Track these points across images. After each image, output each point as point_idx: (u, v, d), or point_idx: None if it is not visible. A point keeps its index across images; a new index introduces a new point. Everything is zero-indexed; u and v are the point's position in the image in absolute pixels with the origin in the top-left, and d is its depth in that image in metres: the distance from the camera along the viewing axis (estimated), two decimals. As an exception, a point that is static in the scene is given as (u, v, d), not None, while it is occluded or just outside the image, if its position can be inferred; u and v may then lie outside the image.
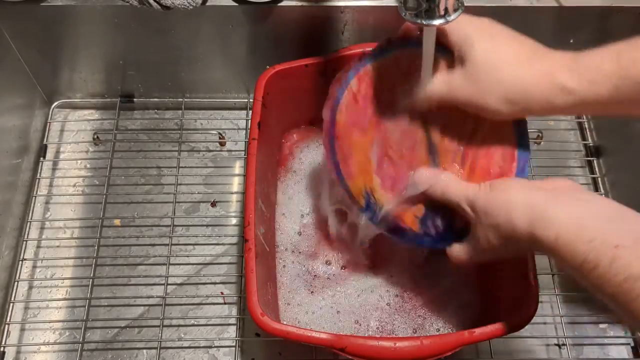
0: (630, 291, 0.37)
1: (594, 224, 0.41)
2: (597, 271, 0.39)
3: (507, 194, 0.46)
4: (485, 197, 0.48)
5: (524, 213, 0.44)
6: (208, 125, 0.82)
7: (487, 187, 0.48)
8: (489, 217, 0.47)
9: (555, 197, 0.44)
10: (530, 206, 0.44)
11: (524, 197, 0.45)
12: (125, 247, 0.73)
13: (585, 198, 0.44)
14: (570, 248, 0.40)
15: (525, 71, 0.46)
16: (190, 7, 0.65)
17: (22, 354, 0.67)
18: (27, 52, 0.74)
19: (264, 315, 0.53)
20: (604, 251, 0.38)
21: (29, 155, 0.77)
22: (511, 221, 0.45)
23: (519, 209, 0.44)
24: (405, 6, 0.46)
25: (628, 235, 0.39)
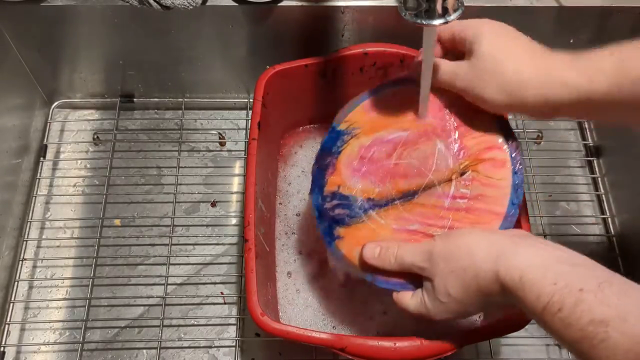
0: (594, 336, 0.36)
1: (557, 267, 0.40)
2: (561, 314, 0.38)
3: (468, 238, 0.46)
4: (443, 244, 0.46)
5: (488, 254, 0.43)
6: (208, 125, 0.82)
7: (444, 236, 0.48)
8: (449, 262, 0.45)
9: (518, 240, 0.44)
10: (494, 247, 0.43)
11: (487, 240, 0.44)
12: (125, 247, 0.73)
13: (546, 244, 0.43)
14: (534, 289, 0.40)
15: (526, 65, 0.48)
16: (190, 7, 0.65)
17: (22, 354, 0.67)
18: (27, 52, 0.74)
19: (264, 315, 0.53)
20: (568, 294, 0.38)
21: (29, 155, 0.77)
22: (473, 263, 0.44)
23: (483, 250, 0.44)
24: (405, 6, 0.46)
25: (592, 280, 0.38)
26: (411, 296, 0.49)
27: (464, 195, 0.52)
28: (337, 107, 0.73)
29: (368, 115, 0.59)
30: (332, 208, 0.56)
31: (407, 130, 0.57)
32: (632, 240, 0.73)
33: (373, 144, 0.58)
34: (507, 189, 0.51)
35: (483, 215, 0.51)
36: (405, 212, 0.53)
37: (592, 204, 0.78)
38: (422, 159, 0.55)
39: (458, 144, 0.54)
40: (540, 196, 0.77)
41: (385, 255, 0.50)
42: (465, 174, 0.53)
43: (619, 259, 0.73)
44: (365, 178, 0.56)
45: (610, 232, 0.75)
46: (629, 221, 0.74)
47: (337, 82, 0.69)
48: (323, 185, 0.57)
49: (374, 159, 0.57)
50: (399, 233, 0.53)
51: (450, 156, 0.54)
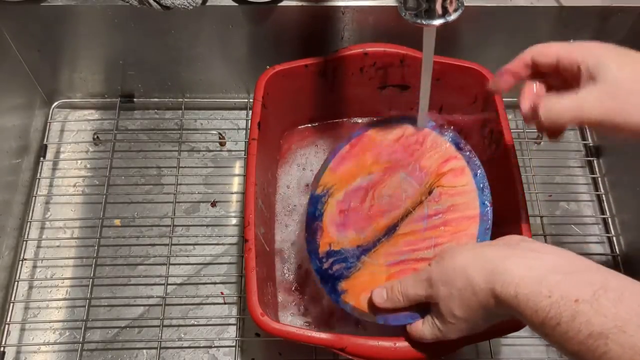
0: (595, 349, 0.36)
1: (551, 277, 0.39)
2: (560, 328, 0.37)
3: (460, 258, 0.45)
4: (439, 269, 0.46)
5: (481, 271, 0.43)
6: (208, 125, 0.82)
7: (439, 260, 0.47)
8: (447, 286, 0.45)
9: (508, 250, 0.43)
10: (487, 264, 0.43)
11: (479, 257, 0.44)
12: (125, 247, 0.73)
13: (539, 249, 0.42)
14: (530, 304, 0.39)
15: None
16: (190, 7, 0.65)
17: (22, 354, 0.67)
18: (27, 52, 0.74)
19: (264, 315, 0.53)
20: (564, 306, 0.37)
21: (29, 155, 0.77)
22: (470, 282, 0.43)
23: (475, 268, 0.43)
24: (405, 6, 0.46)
25: (587, 288, 0.37)
26: (422, 324, 0.49)
27: (437, 211, 0.55)
28: (337, 107, 0.74)
29: (336, 174, 0.63)
30: (329, 267, 0.58)
31: (372, 173, 0.61)
32: (632, 240, 0.73)
33: (347, 197, 0.61)
34: (474, 192, 0.54)
35: (460, 222, 0.53)
36: (391, 247, 0.56)
37: (592, 204, 0.78)
38: (392, 193, 0.58)
39: (418, 167, 0.58)
40: (540, 196, 0.77)
41: (392, 295, 0.50)
42: (432, 192, 0.56)
43: (619, 259, 0.73)
44: (349, 229, 0.59)
45: (610, 232, 0.75)
46: (629, 221, 0.74)
47: (337, 82, 0.69)
48: (317, 249, 0.60)
49: (351, 209, 0.60)
50: (393, 267, 0.55)
51: (415, 180, 0.57)
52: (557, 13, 0.70)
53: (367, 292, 0.54)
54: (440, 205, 0.54)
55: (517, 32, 0.72)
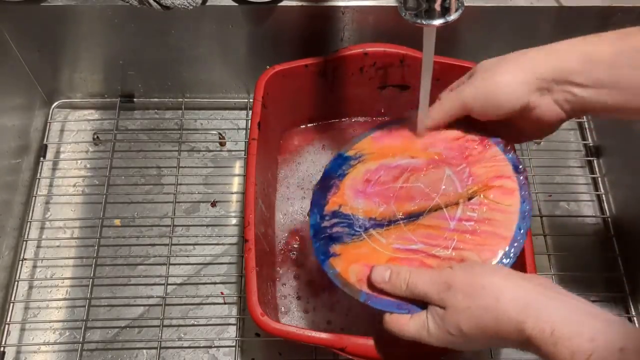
0: None
1: (593, 323, 0.38)
2: None
3: (494, 277, 0.43)
4: (465, 277, 0.44)
5: (514, 300, 0.41)
6: (208, 125, 0.82)
7: (466, 267, 0.45)
8: (468, 298, 0.43)
9: (545, 290, 0.42)
10: (522, 294, 0.41)
11: (514, 285, 0.42)
12: (125, 247, 0.73)
13: (573, 297, 0.42)
14: (569, 344, 0.38)
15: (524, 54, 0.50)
16: (190, 7, 0.65)
17: (22, 354, 0.67)
18: (27, 52, 0.74)
19: (264, 315, 0.53)
20: (609, 352, 0.36)
21: (29, 155, 0.77)
22: (497, 307, 0.41)
23: (509, 295, 0.41)
24: (405, 6, 0.46)
25: (630, 339, 0.37)
26: (410, 318, 0.47)
27: (470, 218, 0.52)
28: (337, 107, 0.74)
29: (377, 144, 0.60)
30: (330, 226, 0.56)
31: (416, 157, 0.57)
32: (632, 240, 0.73)
33: (380, 168, 0.58)
34: (515, 214, 0.51)
35: (489, 238, 0.50)
36: (408, 232, 0.53)
37: (592, 204, 0.78)
38: (429, 183, 0.55)
39: (467, 172, 0.55)
40: (540, 196, 0.77)
41: (396, 280, 0.47)
42: (473, 199, 0.53)
43: (619, 259, 0.73)
44: (369, 199, 0.56)
45: (610, 232, 0.75)
46: (629, 221, 0.74)
47: (337, 82, 0.69)
48: (324, 205, 0.58)
49: (380, 181, 0.57)
50: (400, 252, 0.52)
51: (459, 182, 0.54)
52: (557, 13, 0.70)
53: (359, 265, 0.52)
54: (475, 214, 0.52)
55: (517, 32, 0.72)
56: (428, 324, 0.45)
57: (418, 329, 0.46)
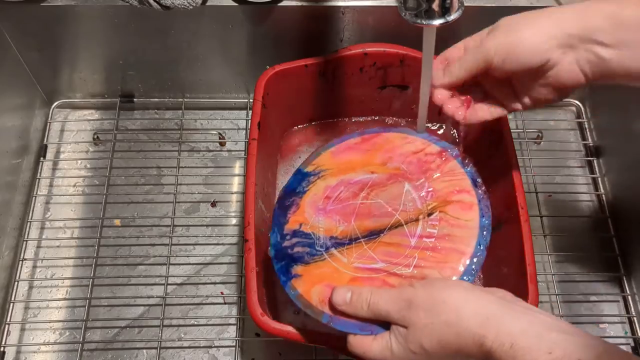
0: None
1: (552, 335, 0.38)
2: None
3: (455, 292, 0.43)
4: (426, 294, 0.43)
5: (475, 314, 0.41)
6: (208, 125, 0.82)
7: (427, 284, 0.44)
8: (430, 315, 0.42)
9: (506, 303, 0.42)
10: (483, 308, 0.41)
11: (475, 298, 0.42)
12: (125, 247, 0.73)
13: (536, 310, 0.42)
14: (527, 357, 0.38)
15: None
16: (190, 7, 0.65)
17: (22, 354, 0.67)
18: (27, 52, 0.74)
19: (264, 315, 0.53)
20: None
21: (29, 155, 0.77)
22: (460, 321, 0.41)
23: (470, 309, 0.41)
24: (405, 6, 0.46)
25: (589, 350, 0.37)
26: (373, 339, 0.46)
27: (430, 234, 0.52)
28: (336, 107, 0.74)
29: (336, 159, 0.60)
30: (291, 246, 0.56)
31: (375, 173, 0.58)
32: (631, 240, 0.73)
33: (340, 185, 0.58)
34: (475, 230, 0.51)
35: (449, 254, 0.50)
36: (369, 250, 0.53)
37: (592, 204, 0.78)
38: (389, 199, 0.56)
39: (426, 186, 0.55)
40: (540, 196, 0.77)
41: (357, 301, 0.46)
42: (432, 215, 0.53)
43: (619, 259, 0.73)
44: (329, 217, 0.56)
45: (610, 232, 0.75)
46: (629, 221, 0.74)
47: (337, 82, 0.69)
48: (284, 223, 0.57)
49: (340, 198, 0.57)
50: (361, 271, 0.52)
51: (418, 197, 0.55)
52: (557, 13, 0.70)
53: (322, 286, 0.51)
54: (435, 230, 0.52)
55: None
56: (391, 345, 0.44)
57: (382, 350, 0.45)
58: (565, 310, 0.70)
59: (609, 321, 0.71)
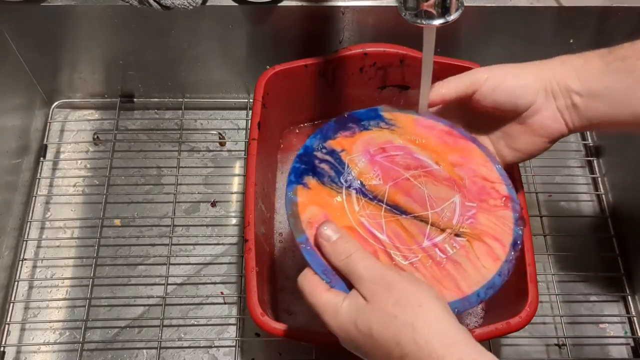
0: None
1: None
2: None
3: (435, 303, 0.41)
4: (408, 287, 0.41)
5: (444, 333, 0.39)
6: (208, 125, 0.82)
7: (414, 280, 0.42)
8: (400, 308, 0.40)
9: (477, 345, 0.40)
10: (454, 334, 0.40)
11: (451, 321, 0.40)
12: (125, 247, 0.73)
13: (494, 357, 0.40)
14: None
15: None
16: (190, 7, 0.65)
17: (22, 354, 0.67)
18: (27, 52, 0.74)
19: (264, 315, 0.53)
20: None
21: (29, 155, 0.77)
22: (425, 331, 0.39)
23: (441, 327, 0.40)
24: (405, 6, 0.46)
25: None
26: (328, 289, 0.43)
27: (445, 250, 0.49)
28: (336, 107, 0.74)
29: (415, 127, 0.57)
30: (321, 159, 0.52)
31: (439, 165, 0.55)
32: (631, 240, 0.73)
33: (402, 149, 0.55)
34: (484, 279, 0.48)
35: (447, 280, 0.48)
36: (383, 219, 0.51)
37: (592, 204, 0.78)
38: (434, 195, 0.53)
39: (472, 212, 0.52)
40: (540, 196, 0.77)
41: (339, 247, 0.44)
42: (459, 237, 0.50)
43: (619, 259, 0.73)
44: (371, 165, 0.53)
45: (610, 232, 0.75)
46: (629, 221, 0.74)
47: (336, 82, 0.69)
48: (329, 138, 0.54)
49: (393, 159, 0.54)
50: (363, 228, 0.49)
51: (459, 214, 0.52)
52: (557, 13, 0.70)
53: (319, 210, 0.48)
54: (452, 251, 0.49)
55: (517, 32, 0.72)
56: (342, 305, 0.42)
57: (328, 303, 0.42)
58: (565, 310, 0.70)
59: (609, 321, 0.71)
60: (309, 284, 0.43)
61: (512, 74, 0.51)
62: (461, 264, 0.49)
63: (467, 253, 0.49)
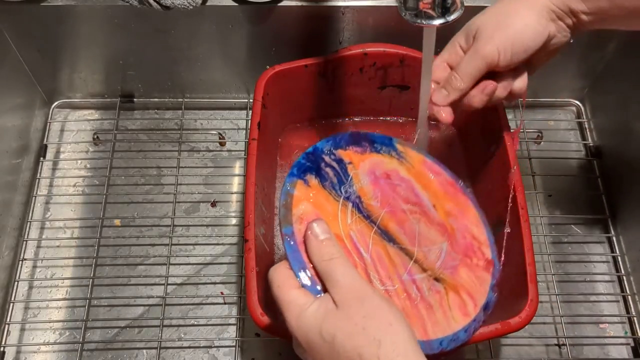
0: None
1: None
2: None
3: (404, 328, 0.40)
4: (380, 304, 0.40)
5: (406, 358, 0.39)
6: (208, 125, 0.82)
7: (388, 302, 0.41)
8: (369, 322, 0.39)
9: None
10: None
11: (416, 347, 0.39)
12: (125, 247, 0.73)
13: None
14: None
15: None
16: (190, 7, 0.65)
17: (22, 354, 0.67)
18: (27, 52, 0.74)
19: (264, 315, 0.53)
20: None
21: (29, 155, 0.77)
22: (390, 351, 0.38)
23: (409, 351, 0.39)
24: (405, 6, 0.46)
25: None
26: (299, 287, 0.42)
27: (422, 290, 0.50)
28: (336, 107, 0.74)
29: (422, 167, 0.57)
30: (327, 164, 0.52)
31: (436, 209, 0.55)
32: (632, 240, 0.73)
33: (405, 182, 0.56)
34: (450, 330, 0.49)
35: (416, 319, 0.48)
36: (372, 240, 0.51)
37: (592, 204, 0.78)
38: (424, 235, 0.53)
39: (455, 265, 0.53)
40: (540, 196, 0.77)
41: (325, 248, 0.43)
42: (437, 282, 0.51)
43: (619, 259, 0.73)
44: (373, 185, 0.54)
45: (610, 232, 0.75)
46: (629, 221, 0.74)
47: (336, 82, 0.69)
48: (340, 148, 0.54)
49: (394, 187, 0.55)
50: (350, 242, 0.49)
51: (442, 262, 0.53)
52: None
53: (313, 210, 0.48)
54: (427, 293, 0.50)
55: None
56: (309, 307, 0.40)
57: (294, 301, 0.41)
58: (565, 310, 0.70)
59: (609, 321, 0.71)
60: (280, 276, 0.42)
61: (517, 26, 0.50)
62: (433, 308, 0.49)
63: (441, 299, 0.50)
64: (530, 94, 0.82)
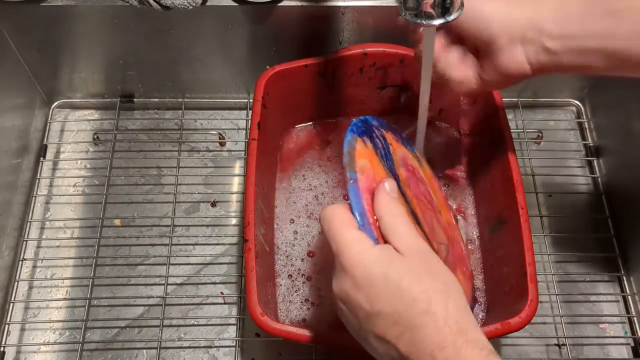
0: None
1: None
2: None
3: (460, 290, 0.42)
4: (442, 266, 0.42)
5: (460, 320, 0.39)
6: (208, 125, 0.82)
7: (445, 267, 0.42)
8: (431, 277, 0.40)
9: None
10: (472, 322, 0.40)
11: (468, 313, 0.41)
12: (125, 247, 0.73)
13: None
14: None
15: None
16: (190, 7, 0.65)
17: (22, 354, 0.67)
18: (27, 52, 0.74)
19: (264, 315, 0.53)
20: None
21: (29, 155, 0.77)
22: (443, 312, 0.39)
23: (462, 314, 0.40)
24: (405, 6, 0.46)
25: None
26: (360, 232, 0.42)
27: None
28: (336, 107, 0.74)
29: (433, 181, 0.63)
30: (377, 135, 0.53)
31: (440, 212, 0.60)
32: (632, 239, 0.73)
33: (422, 182, 0.59)
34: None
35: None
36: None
37: (592, 203, 0.78)
38: (437, 232, 0.56)
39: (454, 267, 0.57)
40: (540, 196, 0.77)
41: (395, 204, 0.43)
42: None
43: (619, 259, 0.73)
44: (407, 173, 0.56)
45: (610, 232, 0.75)
46: (629, 221, 0.74)
47: (336, 82, 0.69)
48: (382, 127, 0.56)
49: (417, 182, 0.58)
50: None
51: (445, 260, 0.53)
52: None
53: (370, 166, 0.48)
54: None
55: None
56: (373, 249, 0.41)
57: (357, 240, 0.41)
58: (565, 310, 0.70)
59: (609, 321, 0.71)
60: (343, 216, 0.42)
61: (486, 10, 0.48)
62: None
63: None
64: (530, 94, 0.83)
